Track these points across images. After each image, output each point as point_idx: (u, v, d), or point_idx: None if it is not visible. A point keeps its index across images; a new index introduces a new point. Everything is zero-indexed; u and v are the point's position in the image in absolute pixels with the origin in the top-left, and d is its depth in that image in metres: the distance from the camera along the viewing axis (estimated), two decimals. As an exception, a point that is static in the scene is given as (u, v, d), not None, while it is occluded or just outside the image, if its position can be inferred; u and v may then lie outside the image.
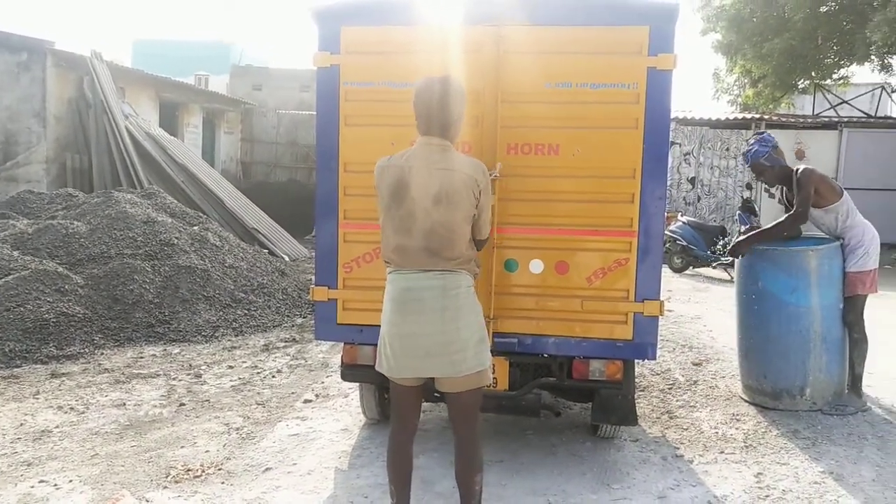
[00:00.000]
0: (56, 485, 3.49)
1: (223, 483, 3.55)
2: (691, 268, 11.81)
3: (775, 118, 16.24)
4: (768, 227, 4.88)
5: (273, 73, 20.68)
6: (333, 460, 3.87)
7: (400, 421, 2.93)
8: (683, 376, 5.51)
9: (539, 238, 3.57)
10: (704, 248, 11.45)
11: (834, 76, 17.77)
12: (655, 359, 3.79)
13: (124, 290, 6.73)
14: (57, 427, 4.30)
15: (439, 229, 2.75)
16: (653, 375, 5.50)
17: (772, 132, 15.69)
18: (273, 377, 5.48)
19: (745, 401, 4.86)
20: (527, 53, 3.49)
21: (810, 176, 4.64)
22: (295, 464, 3.81)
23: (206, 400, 4.88)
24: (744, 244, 4.80)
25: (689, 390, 5.16)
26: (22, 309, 5.96)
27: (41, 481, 3.53)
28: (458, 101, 2.84)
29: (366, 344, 3.71)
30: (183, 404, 4.76)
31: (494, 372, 3.57)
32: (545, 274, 3.57)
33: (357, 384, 4.32)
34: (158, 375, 5.41)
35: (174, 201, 9.72)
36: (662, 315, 3.57)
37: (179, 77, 17.28)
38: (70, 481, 3.54)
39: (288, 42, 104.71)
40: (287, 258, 11.10)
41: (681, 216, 12.29)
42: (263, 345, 6.45)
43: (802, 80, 17.51)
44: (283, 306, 7.81)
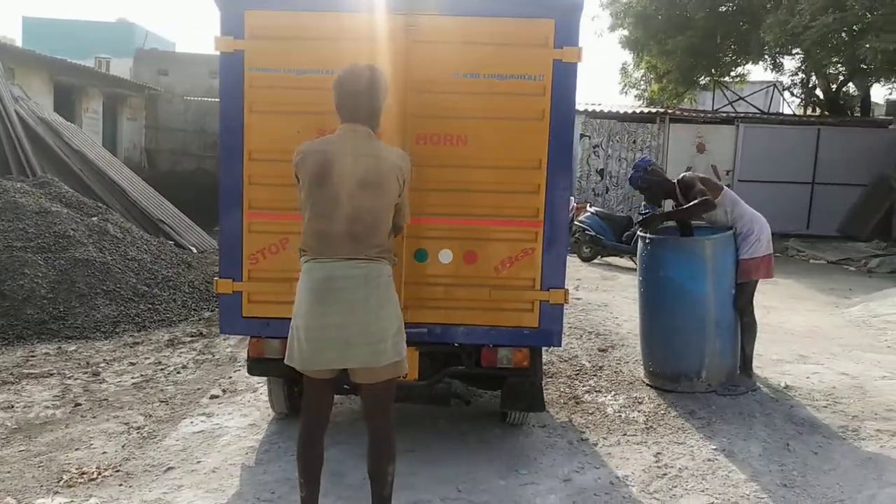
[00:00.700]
0: (-67, 494, 3.26)
1: (121, 485, 3.40)
2: (600, 257, 12.18)
3: (678, 112, 16.96)
4: (680, 209, 5.07)
5: (180, 58, 19.89)
6: (240, 457, 3.77)
7: (312, 414, 2.89)
8: (590, 362, 5.68)
9: (448, 228, 3.58)
10: (612, 238, 11.83)
11: (732, 74, 18.73)
12: (561, 346, 3.89)
13: (13, 285, 6.32)
14: (-64, 432, 4.01)
15: (364, 215, 2.73)
16: (561, 362, 5.65)
17: (675, 126, 16.46)
18: (178, 373, 5.29)
19: (647, 384, 5.07)
20: (436, 43, 3.49)
21: (693, 177, 5.00)
22: (199, 462, 3.69)
23: (105, 399, 4.66)
24: (656, 219, 5.14)
25: (595, 376, 5.33)
26: None
27: (-84, 491, 3.29)
28: (384, 90, 2.88)
29: (273, 337, 3.64)
30: (79, 404, 4.53)
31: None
32: (454, 263, 3.59)
33: (265, 378, 4.23)
34: (52, 375, 5.11)
35: (70, 190, 9.20)
36: (567, 303, 3.67)
37: (78, 59, 16.32)
38: (-51, 490, 3.31)
39: (196, 25, 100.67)
40: (195, 250, 10.71)
41: (590, 207, 12.64)
42: (168, 340, 6.22)
43: (703, 77, 18.36)
44: (190, 300, 7.54)
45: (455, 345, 3.72)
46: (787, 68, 22.98)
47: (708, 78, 18.49)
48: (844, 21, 12.64)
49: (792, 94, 20.33)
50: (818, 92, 18.91)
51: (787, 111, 20.75)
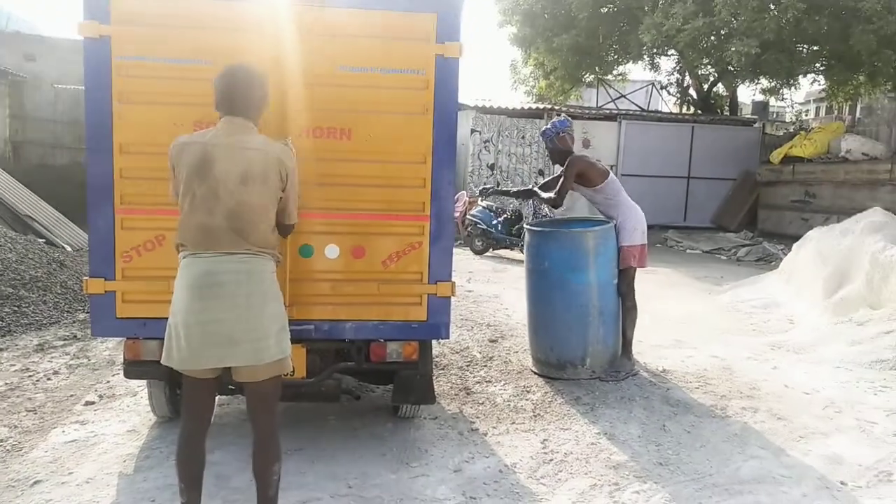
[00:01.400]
0: None
1: (-20, 503, 3.15)
2: (491, 250, 12.44)
3: (565, 109, 17.51)
4: (521, 191, 6.02)
5: (50, 43, 18.46)
6: (117, 465, 3.58)
7: (192, 416, 2.80)
8: (480, 353, 5.79)
9: (334, 223, 3.54)
10: (503, 231, 12.10)
11: (614, 72, 19.58)
12: (449, 338, 3.93)
13: None
14: None
15: (244, 209, 2.67)
16: (452, 354, 5.72)
17: (562, 122, 16.97)
18: (48, 380, 4.95)
19: (535, 373, 5.22)
20: (320, 35, 3.42)
21: (576, 163, 5.17)
22: (71, 473, 3.47)
23: (-37, 411, 4.29)
24: (493, 190, 6.31)
25: (486, 366, 5.43)
26: None
27: None
28: (264, 83, 2.82)
29: (150, 338, 3.47)
30: (-69, 418, 4.15)
31: (292, 360, 3.50)
32: (341, 259, 3.55)
33: (145, 381, 4.03)
34: None
35: (-79, 185, 8.40)
36: (454, 296, 3.71)
37: (-73, 41, 14.90)
38: None
39: (67, 8, 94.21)
40: (69, 248, 10.04)
41: (481, 201, 12.87)
42: (37, 344, 5.80)
43: (588, 75, 19.09)
44: (63, 301, 7.06)
45: (344, 340, 3.69)
46: (664, 68, 24.32)
47: (592, 76, 19.25)
48: (713, 25, 13.52)
49: (668, 93, 21.50)
50: (692, 91, 20.08)
51: (665, 109, 21.95)
